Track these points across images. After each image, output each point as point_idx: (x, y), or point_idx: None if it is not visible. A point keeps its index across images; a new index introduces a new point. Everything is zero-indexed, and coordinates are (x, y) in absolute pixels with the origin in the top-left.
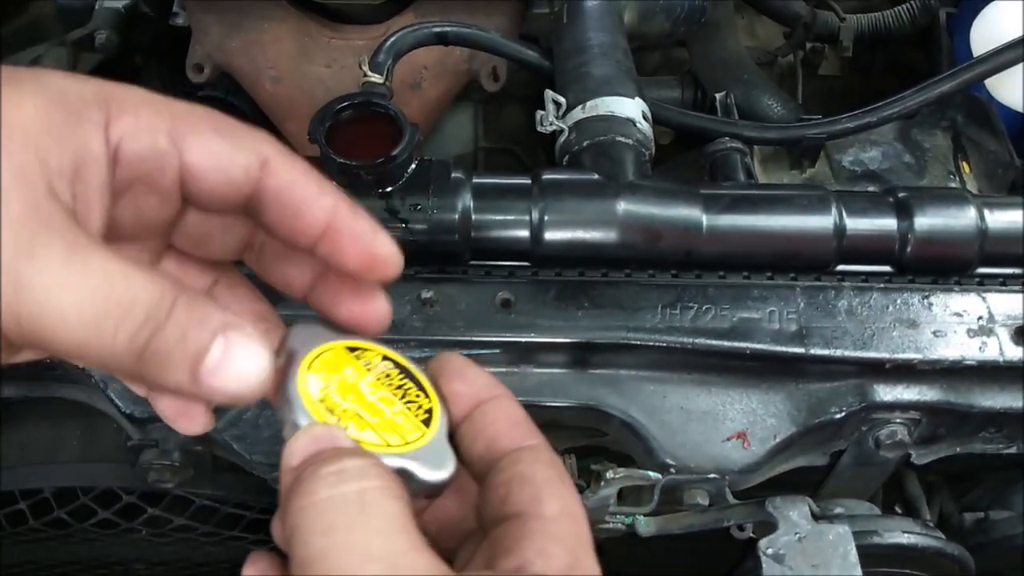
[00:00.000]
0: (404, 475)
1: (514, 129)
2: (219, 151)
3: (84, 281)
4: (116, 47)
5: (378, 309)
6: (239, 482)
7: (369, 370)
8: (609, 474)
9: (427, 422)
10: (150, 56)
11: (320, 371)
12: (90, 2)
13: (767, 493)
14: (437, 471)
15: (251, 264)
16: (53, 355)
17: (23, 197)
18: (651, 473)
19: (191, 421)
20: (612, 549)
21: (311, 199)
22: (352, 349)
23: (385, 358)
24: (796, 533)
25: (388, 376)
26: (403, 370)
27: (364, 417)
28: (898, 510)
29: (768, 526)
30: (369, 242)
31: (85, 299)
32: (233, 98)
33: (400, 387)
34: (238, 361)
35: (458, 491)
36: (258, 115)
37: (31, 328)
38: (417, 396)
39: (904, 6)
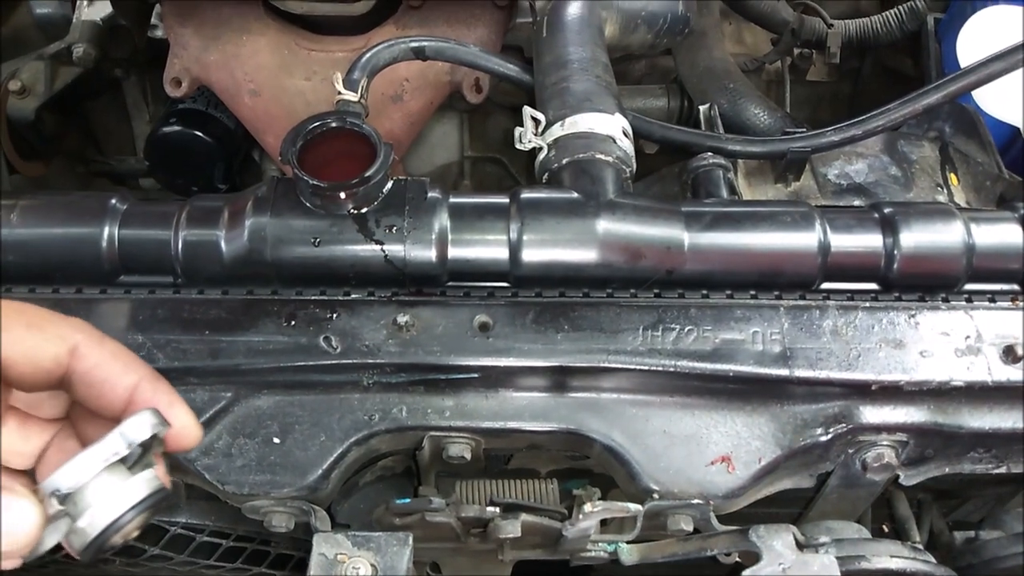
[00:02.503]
0: None
1: (500, 138)
2: (30, 345)
3: None
4: (94, 60)
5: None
6: (214, 510)
7: None
8: (587, 507)
9: None
10: (130, 68)
11: None
12: (68, 14)
13: (757, 509)
14: None
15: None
16: None
17: None
18: (631, 505)
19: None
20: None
21: (114, 379)
22: None
23: None
24: (780, 564)
25: None
26: None
27: None
28: (885, 529)
29: (752, 555)
30: (164, 414)
31: None
32: (214, 111)
33: None
34: (11, 526)
35: None
36: (240, 126)
37: None
38: None
39: (892, 12)
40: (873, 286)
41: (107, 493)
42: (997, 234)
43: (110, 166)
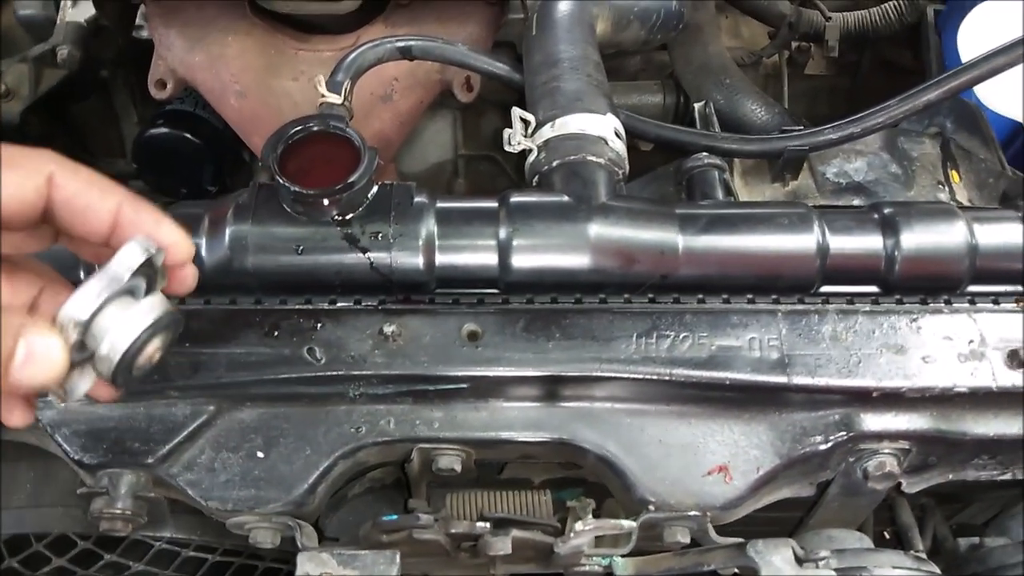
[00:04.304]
0: None
1: (494, 135)
2: (13, 181)
3: None
4: (79, 62)
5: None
6: (200, 524)
7: None
8: (579, 525)
9: None
10: (117, 68)
11: None
12: (52, 15)
13: (757, 514)
14: None
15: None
16: None
17: None
18: (624, 522)
19: (12, 415)
20: None
21: (96, 204)
22: None
23: None
24: None
25: None
26: None
27: None
28: (887, 536)
29: (751, 571)
30: (152, 233)
31: None
32: (202, 112)
33: None
34: (39, 354)
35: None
36: (228, 127)
37: None
38: None
39: (891, 3)
40: (873, 289)
41: (120, 318)
42: (1001, 234)
43: (98, 169)
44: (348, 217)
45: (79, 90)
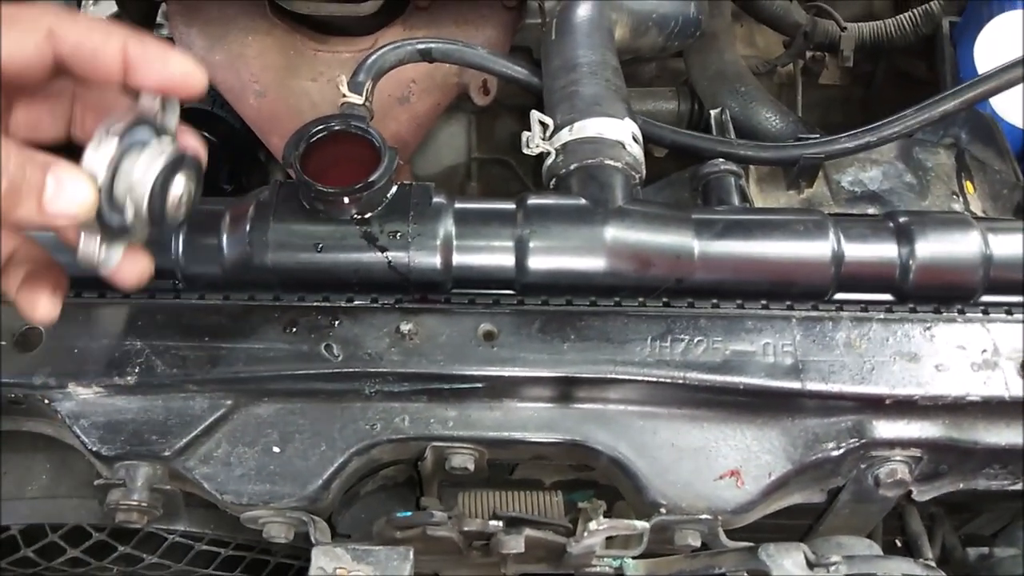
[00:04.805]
0: None
1: (508, 139)
2: (14, 39)
3: None
4: None
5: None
6: (213, 517)
7: None
8: (592, 525)
9: None
10: None
11: None
12: None
13: (766, 521)
14: None
15: (77, 136)
16: None
17: None
18: (637, 523)
19: (36, 309)
20: None
21: (101, 47)
22: None
23: None
24: None
25: None
26: None
27: None
28: (897, 543)
29: (762, 574)
30: (163, 65)
31: None
32: (219, 111)
33: None
34: (69, 187)
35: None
36: (245, 127)
37: None
38: None
39: (906, 15)
40: (888, 297)
41: (142, 164)
42: (1015, 245)
43: None
44: (367, 216)
45: None
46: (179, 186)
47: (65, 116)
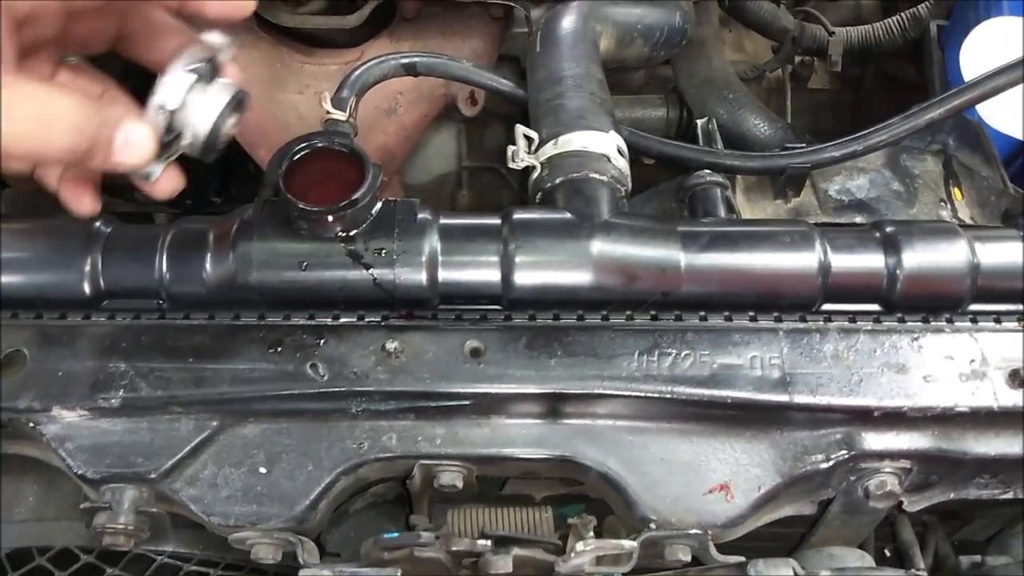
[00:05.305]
0: None
1: (498, 147)
2: None
3: (25, 105)
4: None
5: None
6: (201, 538)
7: None
8: (579, 546)
9: None
10: (123, 79)
11: None
12: None
13: (760, 530)
14: None
15: (127, 52)
16: (7, 165)
17: None
18: (625, 543)
19: (82, 203)
20: None
21: None
22: None
23: None
24: None
25: None
26: None
27: None
28: (887, 553)
29: None
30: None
31: (31, 117)
32: None
33: None
34: (135, 141)
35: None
36: (234, 140)
37: None
38: None
39: (894, 18)
40: (875, 307)
41: (200, 102)
42: (1002, 253)
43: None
44: (352, 233)
45: None
46: (232, 121)
47: (113, 34)
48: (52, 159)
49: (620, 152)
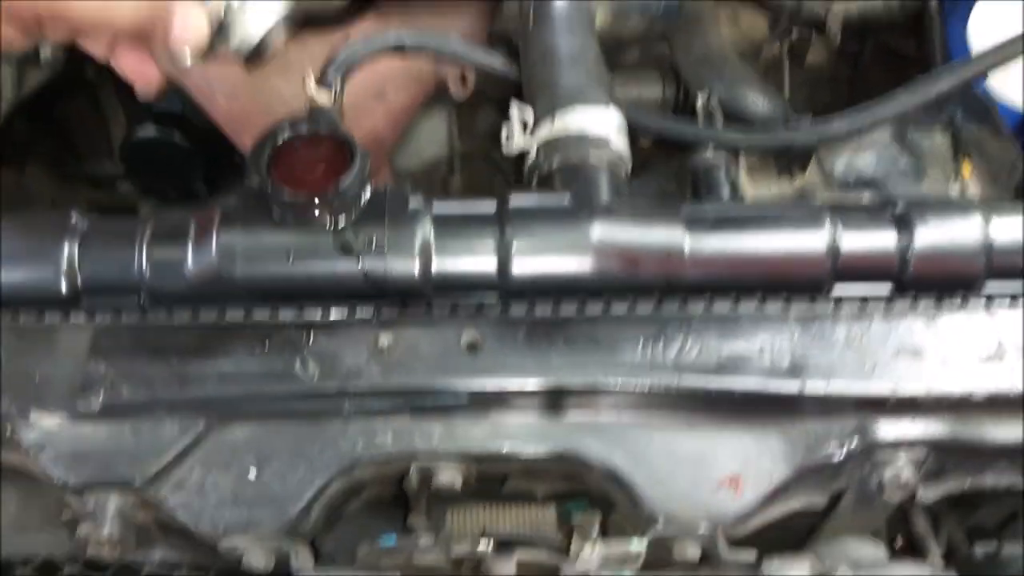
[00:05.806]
0: None
1: (490, 131)
2: None
3: None
4: (62, 62)
5: None
6: (191, 545)
7: None
8: (585, 552)
9: None
10: (103, 67)
11: None
12: None
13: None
14: None
15: None
16: (72, 31)
17: None
18: (632, 545)
19: (147, 80)
20: None
21: None
22: None
23: None
24: None
25: None
26: None
27: None
28: (899, 541)
29: None
30: None
31: None
32: (191, 112)
33: None
34: (191, 24)
35: None
36: (216, 129)
37: (59, 9)
38: None
39: None
40: (887, 288)
41: (259, 8)
42: (1018, 229)
43: (86, 171)
44: (340, 223)
45: (64, 90)
46: (281, 35)
47: None
48: (119, 31)
49: (619, 130)
